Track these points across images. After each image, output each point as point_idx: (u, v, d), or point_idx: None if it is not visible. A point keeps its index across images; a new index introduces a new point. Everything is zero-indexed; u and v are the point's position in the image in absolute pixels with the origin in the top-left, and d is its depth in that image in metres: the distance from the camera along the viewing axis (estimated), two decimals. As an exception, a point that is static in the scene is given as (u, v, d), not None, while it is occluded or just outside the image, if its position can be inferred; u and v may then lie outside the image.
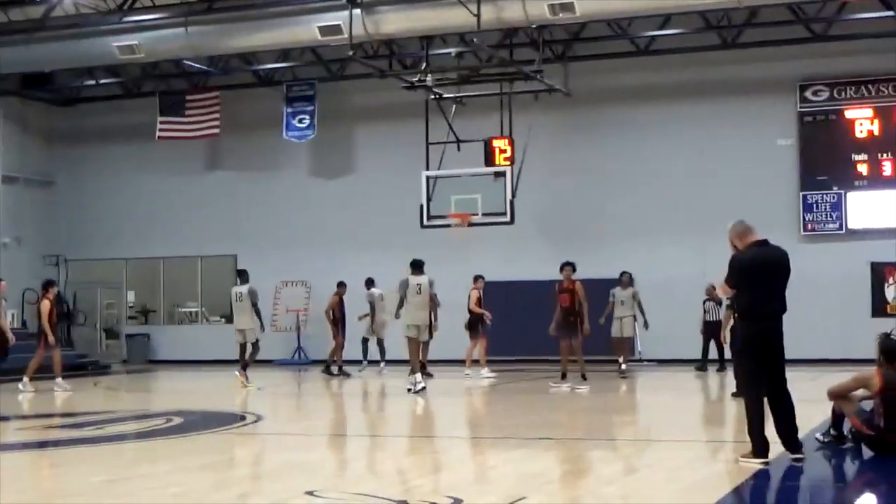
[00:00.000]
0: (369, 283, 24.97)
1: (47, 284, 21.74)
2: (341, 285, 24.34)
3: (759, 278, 10.02)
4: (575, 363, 20.09)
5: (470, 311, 23.03)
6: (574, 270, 20.16)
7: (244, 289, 21.38)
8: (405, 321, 19.03)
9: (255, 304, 21.20)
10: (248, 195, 30.69)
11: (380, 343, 24.62)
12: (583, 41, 26.64)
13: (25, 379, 20.61)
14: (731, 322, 17.36)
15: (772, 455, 9.69)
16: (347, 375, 23.47)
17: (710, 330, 22.75)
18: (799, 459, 9.72)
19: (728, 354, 17.98)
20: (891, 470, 9.88)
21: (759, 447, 9.66)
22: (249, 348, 21.33)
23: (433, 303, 19.85)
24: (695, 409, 16.23)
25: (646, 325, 22.90)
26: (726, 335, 17.89)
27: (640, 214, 26.83)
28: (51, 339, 20.80)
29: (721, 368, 22.84)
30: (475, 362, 23.11)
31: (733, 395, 17.09)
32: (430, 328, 19.48)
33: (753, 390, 9.99)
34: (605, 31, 26.15)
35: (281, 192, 30.34)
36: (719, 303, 22.01)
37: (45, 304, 21.08)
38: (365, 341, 25.02)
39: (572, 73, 25.57)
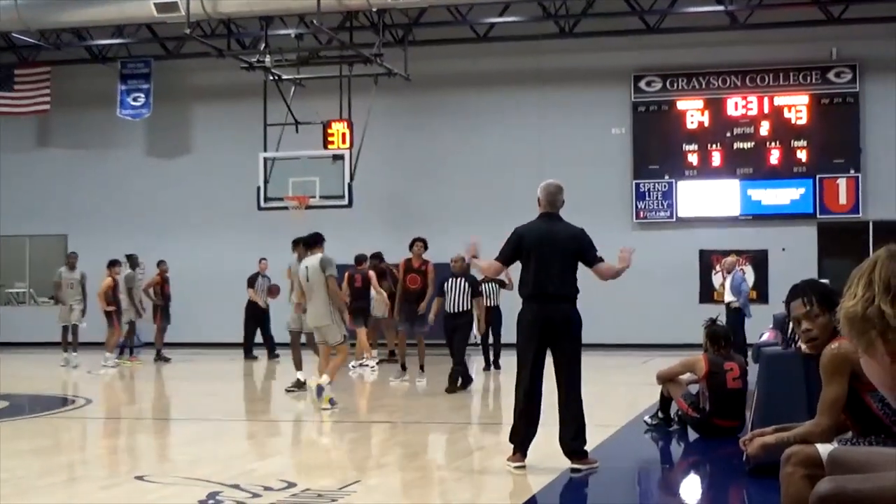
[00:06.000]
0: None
1: (112, 263, 22.33)
2: (161, 263, 23.66)
3: (530, 254, 8.95)
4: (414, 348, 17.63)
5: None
6: (426, 248, 17.67)
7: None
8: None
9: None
10: (80, 174, 29.89)
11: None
12: (423, 26, 26.67)
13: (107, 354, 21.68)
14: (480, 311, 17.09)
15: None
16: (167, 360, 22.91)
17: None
18: (576, 470, 8.75)
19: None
20: (714, 451, 10.17)
21: (515, 446, 8.91)
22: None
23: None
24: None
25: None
26: (482, 325, 16.97)
27: (478, 200, 26.99)
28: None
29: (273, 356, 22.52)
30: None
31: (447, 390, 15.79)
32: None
33: (519, 383, 8.91)
34: (446, 17, 26.24)
35: (115, 171, 29.63)
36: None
37: (108, 281, 21.98)
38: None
39: (412, 58, 25.58)
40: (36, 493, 8.23)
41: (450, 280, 16.31)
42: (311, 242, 14.28)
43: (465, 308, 16.18)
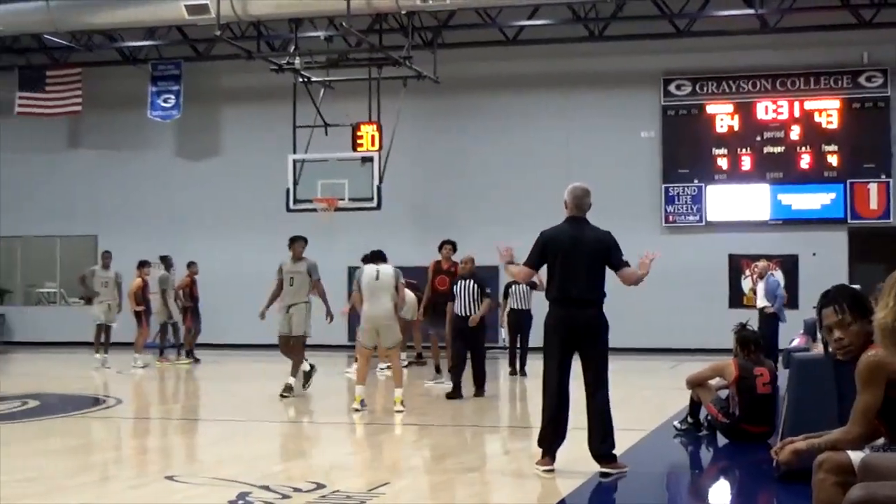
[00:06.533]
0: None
1: (142, 264, 22.84)
2: (192, 265, 23.66)
3: (556, 258, 8.91)
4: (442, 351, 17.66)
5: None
6: (455, 250, 17.89)
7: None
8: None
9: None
10: (110, 175, 30.04)
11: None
12: (452, 29, 26.67)
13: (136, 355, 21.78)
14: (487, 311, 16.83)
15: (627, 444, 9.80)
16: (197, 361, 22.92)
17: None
18: (605, 474, 8.73)
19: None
20: (743, 456, 10.13)
21: (543, 450, 8.91)
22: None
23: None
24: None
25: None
26: (476, 319, 16.06)
27: (507, 202, 26.97)
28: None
29: None
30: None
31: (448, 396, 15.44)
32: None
33: (546, 388, 8.90)
34: (475, 20, 26.24)
35: (145, 173, 29.77)
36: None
37: (138, 282, 22.49)
38: None
39: (441, 61, 25.57)
40: (65, 493, 8.28)
41: (459, 282, 16.16)
42: (376, 257, 14.73)
43: (475, 310, 15.93)
